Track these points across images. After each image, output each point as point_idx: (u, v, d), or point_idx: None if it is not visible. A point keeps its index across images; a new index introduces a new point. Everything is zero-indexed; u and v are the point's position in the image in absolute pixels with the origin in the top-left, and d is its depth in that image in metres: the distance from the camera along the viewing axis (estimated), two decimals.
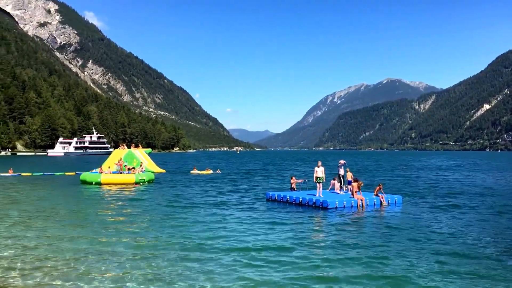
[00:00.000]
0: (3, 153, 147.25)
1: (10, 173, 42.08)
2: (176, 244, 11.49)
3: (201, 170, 47.24)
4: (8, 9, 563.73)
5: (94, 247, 11.22)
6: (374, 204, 20.10)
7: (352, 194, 19.97)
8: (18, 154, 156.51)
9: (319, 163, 21.26)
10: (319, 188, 20.70)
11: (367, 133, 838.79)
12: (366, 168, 59.65)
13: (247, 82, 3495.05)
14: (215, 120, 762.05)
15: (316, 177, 20.76)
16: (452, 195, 24.86)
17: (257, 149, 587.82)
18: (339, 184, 22.28)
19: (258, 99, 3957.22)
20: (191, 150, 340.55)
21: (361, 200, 19.49)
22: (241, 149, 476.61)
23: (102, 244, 11.53)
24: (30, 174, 42.99)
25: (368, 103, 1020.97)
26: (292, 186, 23.87)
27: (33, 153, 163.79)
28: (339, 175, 22.61)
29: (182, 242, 11.77)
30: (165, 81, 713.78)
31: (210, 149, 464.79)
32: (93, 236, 12.66)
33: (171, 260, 9.93)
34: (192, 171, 46.84)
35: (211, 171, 46.68)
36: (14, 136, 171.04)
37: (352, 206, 19.30)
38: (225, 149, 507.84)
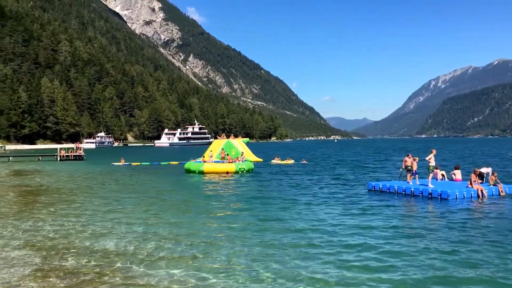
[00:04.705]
0: (116, 144, 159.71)
1: (122, 162, 45.44)
2: (287, 240, 11.17)
3: (282, 160, 46.83)
4: (117, 9, 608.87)
5: (203, 237, 11.50)
6: (493, 194, 18.64)
7: (470, 183, 18.55)
8: (129, 145, 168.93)
9: (434, 151, 19.95)
10: (431, 177, 19.39)
11: (475, 119, 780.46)
12: (472, 155, 55.27)
13: (344, 70, 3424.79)
14: (311, 109, 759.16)
15: (430, 165, 19.51)
16: None
17: (355, 138, 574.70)
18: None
19: (356, 86, 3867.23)
20: (288, 140, 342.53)
21: (481, 190, 18.08)
22: (339, 138, 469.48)
23: (210, 237, 11.79)
24: (139, 163, 45.99)
25: (476, 86, 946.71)
26: (407, 165, 20.94)
27: (142, 144, 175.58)
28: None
29: (289, 238, 11.43)
30: (262, 71, 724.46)
31: (306, 138, 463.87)
32: (202, 228, 12.95)
33: (284, 259, 9.60)
34: (273, 161, 46.52)
35: (292, 161, 46.06)
36: (125, 128, 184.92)
37: (471, 197, 17.89)
38: (322, 138, 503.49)
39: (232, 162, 33.32)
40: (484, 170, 20.68)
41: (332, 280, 7.96)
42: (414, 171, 20.35)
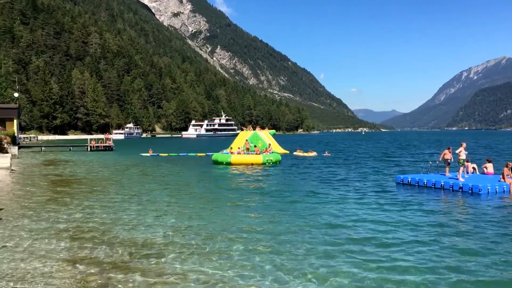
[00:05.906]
0: (144, 135, 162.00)
1: (150, 153, 46.12)
2: (308, 233, 11.19)
3: (304, 152, 46.34)
4: (145, 2, 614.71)
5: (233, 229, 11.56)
6: None
7: (503, 177, 18.01)
8: (157, 136, 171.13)
9: (464, 144, 19.51)
10: (461, 171, 18.98)
11: (508, 111, 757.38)
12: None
13: (373, 61, 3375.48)
14: (339, 101, 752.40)
15: (460, 159, 19.08)
16: None
17: (383, 130, 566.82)
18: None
19: (384, 78, 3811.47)
20: (315, 132, 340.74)
21: None
22: (366, 130, 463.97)
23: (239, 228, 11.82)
24: (167, 154, 46.54)
25: (510, 78, 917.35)
26: (446, 158, 20.40)
27: (170, 135, 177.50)
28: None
29: (313, 232, 11.41)
30: (289, 63, 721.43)
31: (333, 130, 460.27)
32: (229, 220, 13.01)
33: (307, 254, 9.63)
34: (295, 153, 46.11)
35: (314, 153, 45.58)
36: (153, 119, 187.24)
37: (504, 191, 17.31)
38: (350, 130, 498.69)
39: (259, 154, 33.33)
40: None
41: (357, 278, 7.88)
42: (466, 164, 19.88)
